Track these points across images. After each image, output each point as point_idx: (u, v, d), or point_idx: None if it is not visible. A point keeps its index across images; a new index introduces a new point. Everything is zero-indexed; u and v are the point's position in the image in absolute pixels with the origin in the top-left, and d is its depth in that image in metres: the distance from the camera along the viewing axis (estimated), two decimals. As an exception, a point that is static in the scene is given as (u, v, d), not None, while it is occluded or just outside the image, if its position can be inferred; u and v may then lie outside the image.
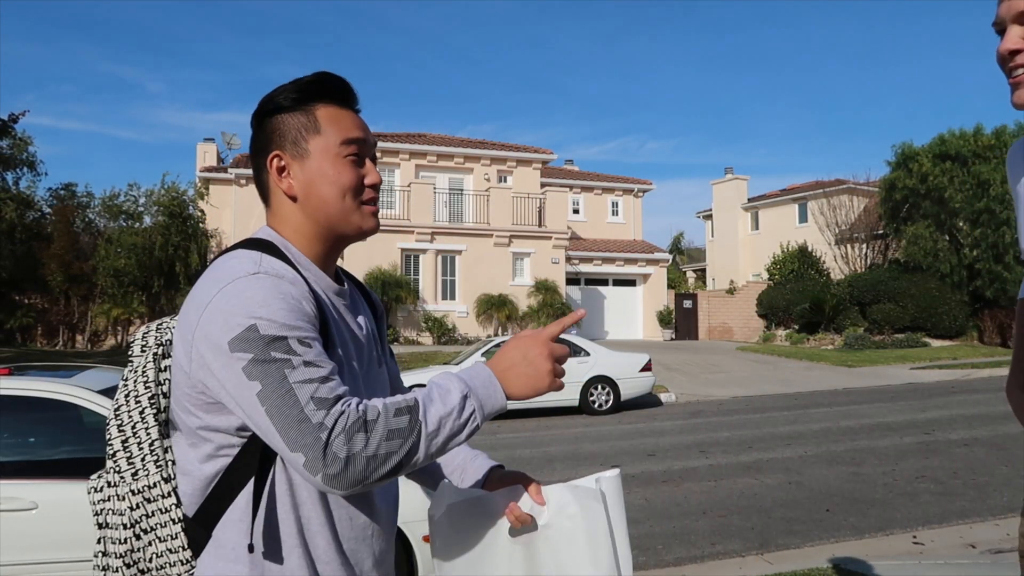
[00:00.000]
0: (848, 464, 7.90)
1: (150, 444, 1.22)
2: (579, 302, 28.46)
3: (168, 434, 1.24)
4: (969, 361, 19.61)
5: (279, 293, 1.13)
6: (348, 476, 1.04)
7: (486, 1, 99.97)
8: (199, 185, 27.31)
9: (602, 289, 29.79)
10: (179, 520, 1.20)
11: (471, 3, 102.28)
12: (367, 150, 1.30)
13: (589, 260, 28.99)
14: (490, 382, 1.16)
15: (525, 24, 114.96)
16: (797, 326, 26.40)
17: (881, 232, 28.20)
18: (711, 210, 40.26)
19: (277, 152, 1.26)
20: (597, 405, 13.20)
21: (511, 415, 12.77)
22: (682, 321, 30.19)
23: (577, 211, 31.14)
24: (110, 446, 1.23)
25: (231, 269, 1.16)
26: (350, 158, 1.26)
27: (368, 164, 1.30)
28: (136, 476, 1.21)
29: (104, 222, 27.58)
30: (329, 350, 1.19)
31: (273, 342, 1.09)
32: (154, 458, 1.21)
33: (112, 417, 1.24)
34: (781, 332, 26.89)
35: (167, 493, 1.21)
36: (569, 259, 27.41)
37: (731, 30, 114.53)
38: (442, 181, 27.08)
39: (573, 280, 28.32)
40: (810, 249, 29.48)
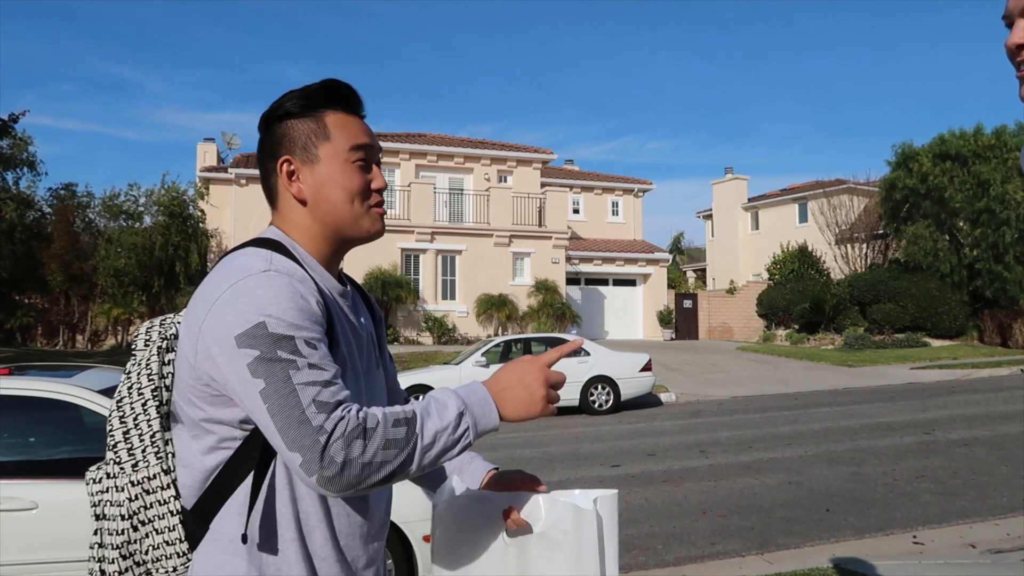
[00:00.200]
0: (848, 464, 7.90)
1: (151, 436, 1.23)
2: (579, 302, 28.48)
3: (169, 426, 1.25)
4: (969, 361, 19.62)
5: (289, 292, 1.15)
6: (343, 480, 1.07)
7: (486, 1, 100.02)
8: (199, 185, 27.29)
9: (602, 289, 29.80)
10: (177, 512, 1.21)
11: (471, 2, 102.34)
12: (373, 155, 1.34)
13: (589, 260, 29.00)
14: (486, 402, 1.19)
15: (525, 24, 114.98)
16: (797, 326, 26.41)
17: (881, 232, 28.20)
18: (711, 210, 40.26)
19: (287, 157, 1.29)
20: (597, 405, 13.21)
21: (511, 415, 12.76)
22: (682, 321, 30.20)
23: (577, 211, 31.15)
24: (111, 437, 1.24)
25: (242, 266, 1.18)
26: (358, 163, 1.30)
27: (375, 169, 1.34)
28: (136, 467, 1.22)
29: (104, 222, 27.56)
30: (334, 348, 1.21)
31: (280, 341, 1.11)
32: (155, 450, 1.23)
33: (114, 408, 1.26)
34: (781, 332, 26.90)
35: (166, 485, 1.22)
36: (569, 259, 27.42)
37: (731, 30, 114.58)
38: (442, 181, 27.08)
39: (573, 280, 28.32)
40: (810, 249, 29.48)
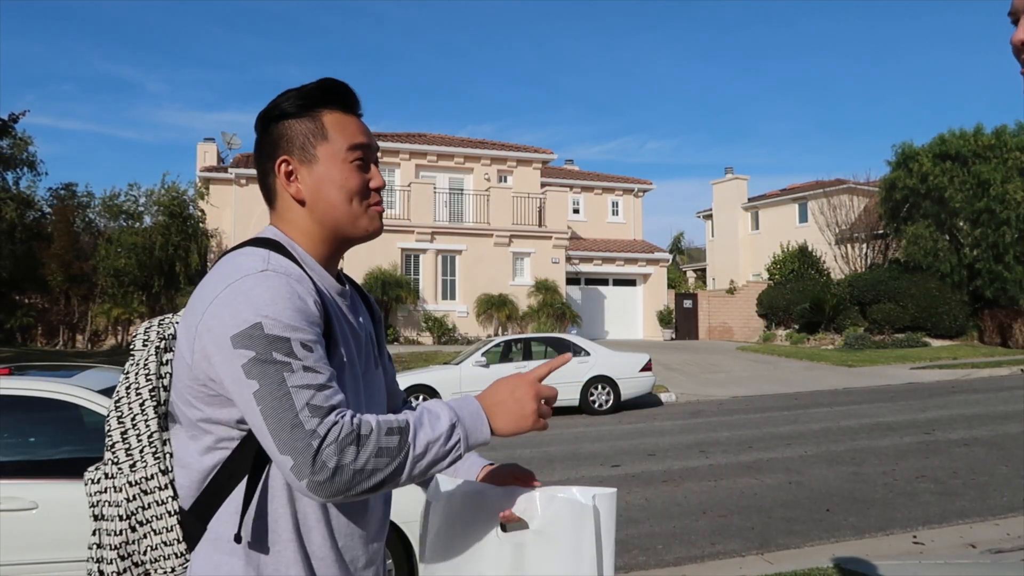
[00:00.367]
0: (848, 464, 7.90)
1: (149, 436, 1.23)
2: (579, 302, 28.48)
3: (167, 427, 1.25)
4: (969, 361, 19.61)
5: (287, 292, 1.15)
6: (333, 485, 1.07)
7: (486, 1, 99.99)
8: (199, 185, 27.28)
9: (602, 289, 29.79)
10: (175, 512, 1.21)
11: (471, 2, 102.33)
12: (371, 154, 1.33)
13: (589, 260, 28.99)
14: (478, 415, 1.20)
15: (525, 24, 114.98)
16: (797, 326, 26.40)
17: (881, 232, 28.19)
18: (711, 210, 40.25)
19: (285, 157, 1.29)
20: (597, 405, 13.20)
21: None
22: (682, 321, 30.19)
23: (577, 211, 31.15)
24: (109, 437, 1.24)
25: (240, 266, 1.18)
26: (356, 163, 1.30)
27: (373, 168, 1.33)
28: (134, 467, 1.22)
29: (104, 222, 27.56)
30: (332, 348, 1.21)
31: (276, 342, 1.11)
32: (152, 450, 1.23)
33: (112, 409, 1.26)
34: (781, 332, 26.89)
35: (164, 485, 1.22)
36: (569, 259, 27.41)
37: (731, 29, 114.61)
38: (442, 181, 27.07)
39: (573, 280, 28.32)
40: (810, 249, 29.47)
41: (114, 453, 1.23)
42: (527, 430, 1.22)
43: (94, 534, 1.24)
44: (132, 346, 1.32)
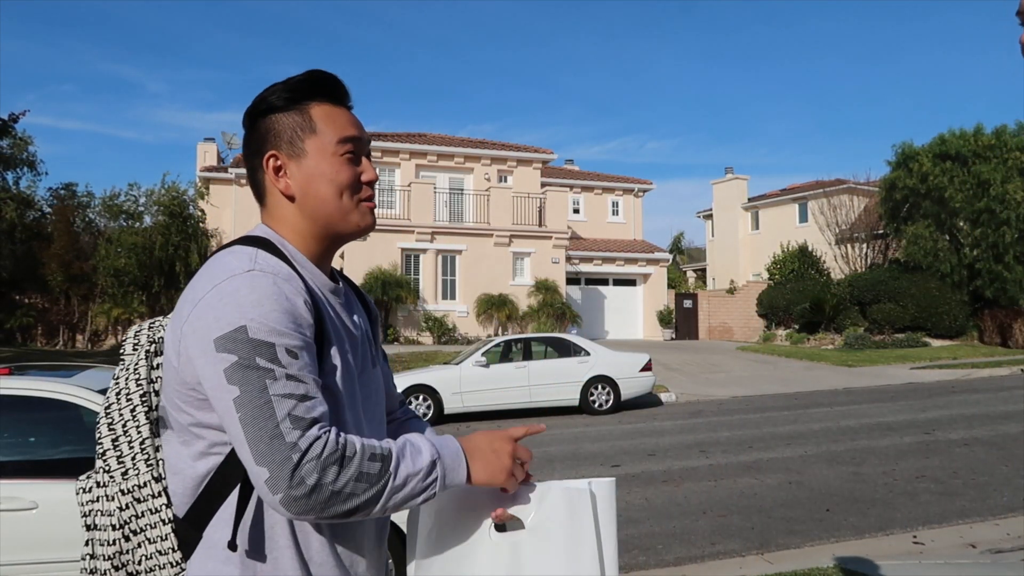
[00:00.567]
0: (848, 464, 7.90)
1: (141, 443, 1.20)
2: (579, 302, 28.48)
3: (159, 433, 1.22)
4: (969, 361, 19.61)
5: (274, 293, 1.11)
6: (308, 503, 1.04)
7: (486, 1, 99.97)
8: (199, 185, 27.30)
9: (602, 289, 29.80)
10: (169, 520, 1.18)
11: (471, 2, 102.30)
12: (362, 147, 1.30)
13: (589, 260, 29.00)
14: (457, 456, 1.19)
15: (525, 24, 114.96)
16: (797, 326, 26.40)
17: (881, 232, 28.19)
18: (711, 210, 40.26)
19: (273, 152, 1.25)
20: (597, 405, 13.20)
21: (511, 415, 12.77)
22: (682, 321, 30.19)
23: (577, 211, 31.16)
24: (100, 445, 1.21)
25: (226, 266, 1.15)
26: (346, 156, 1.26)
27: (364, 161, 1.30)
28: (126, 475, 1.19)
29: (104, 222, 27.55)
30: (324, 347, 1.18)
31: (260, 347, 1.08)
32: (144, 457, 1.20)
33: (103, 415, 1.22)
34: (781, 332, 26.89)
35: (157, 493, 1.19)
36: (569, 259, 27.41)
37: (731, 29, 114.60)
38: (442, 181, 27.08)
39: (573, 280, 28.33)
40: (810, 249, 29.48)
41: (105, 461, 1.20)
42: (499, 484, 1.21)
43: (87, 544, 1.21)
44: (122, 351, 1.28)
